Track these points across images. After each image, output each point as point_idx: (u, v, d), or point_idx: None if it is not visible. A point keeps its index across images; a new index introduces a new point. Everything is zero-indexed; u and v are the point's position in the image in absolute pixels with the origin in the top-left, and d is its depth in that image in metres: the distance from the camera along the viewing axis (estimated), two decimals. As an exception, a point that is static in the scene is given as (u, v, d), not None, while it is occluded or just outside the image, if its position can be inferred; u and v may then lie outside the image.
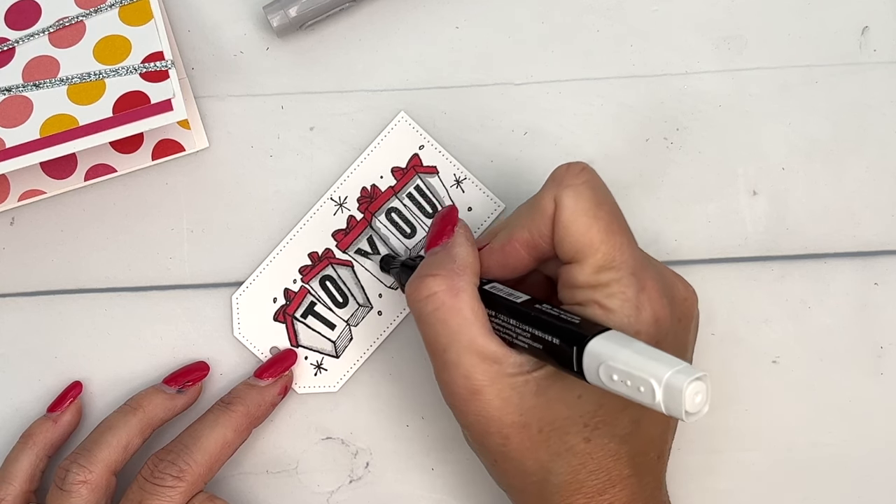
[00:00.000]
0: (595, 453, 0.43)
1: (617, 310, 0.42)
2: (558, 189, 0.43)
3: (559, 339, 0.41)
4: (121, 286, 0.54)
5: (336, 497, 0.53)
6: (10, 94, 0.50)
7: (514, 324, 0.43)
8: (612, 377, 0.38)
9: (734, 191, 0.54)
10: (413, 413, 0.53)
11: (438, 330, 0.44)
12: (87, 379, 0.53)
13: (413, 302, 0.45)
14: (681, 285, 0.46)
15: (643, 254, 0.45)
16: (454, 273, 0.44)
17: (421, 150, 0.54)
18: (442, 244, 0.47)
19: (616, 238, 0.43)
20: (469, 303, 0.44)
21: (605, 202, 0.44)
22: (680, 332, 0.45)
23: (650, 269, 0.44)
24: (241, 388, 0.51)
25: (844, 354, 0.53)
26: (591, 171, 0.44)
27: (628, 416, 0.43)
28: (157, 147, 0.54)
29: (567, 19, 0.55)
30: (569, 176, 0.44)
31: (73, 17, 0.51)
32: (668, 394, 0.37)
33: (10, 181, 0.53)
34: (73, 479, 0.48)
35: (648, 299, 0.43)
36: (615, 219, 0.44)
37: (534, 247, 0.45)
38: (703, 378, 0.37)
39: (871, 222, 0.54)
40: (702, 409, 0.37)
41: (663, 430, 0.46)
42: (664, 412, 0.37)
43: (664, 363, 0.37)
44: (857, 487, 0.53)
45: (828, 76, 0.55)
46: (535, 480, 0.44)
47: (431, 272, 0.45)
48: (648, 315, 0.43)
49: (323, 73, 0.55)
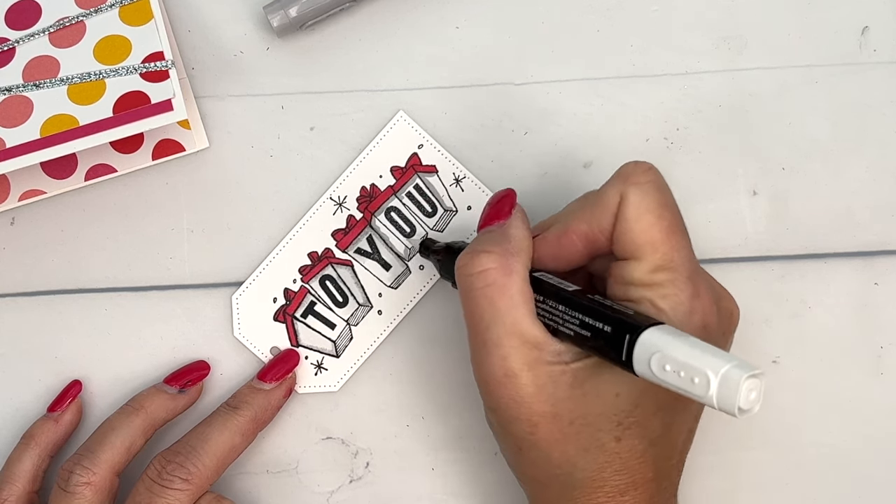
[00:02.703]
0: (623, 453, 0.43)
1: (669, 311, 0.42)
2: (625, 185, 0.43)
3: (611, 326, 0.41)
4: (121, 286, 0.54)
5: (336, 497, 0.53)
6: (11, 94, 0.50)
7: (562, 310, 0.43)
8: (664, 367, 0.38)
9: (734, 191, 0.54)
10: (413, 413, 0.53)
11: (484, 307, 0.43)
12: (87, 379, 0.53)
13: (463, 276, 0.44)
14: (728, 299, 0.46)
15: (697, 261, 0.45)
16: (509, 253, 0.44)
17: (420, 150, 0.54)
18: (497, 224, 0.46)
19: (677, 240, 0.43)
20: (519, 285, 0.43)
21: (669, 204, 0.44)
22: (722, 344, 0.45)
23: (704, 278, 0.44)
24: (247, 391, 0.51)
25: (844, 354, 0.53)
26: (658, 172, 0.44)
27: (660, 420, 0.43)
28: (158, 147, 0.54)
29: (567, 19, 0.55)
30: (637, 173, 0.44)
31: (73, 17, 0.51)
32: (723, 387, 0.36)
33: (11, 181, 0.53)
34: (76, 481, 0.48)
35: (701, 306, 0.43)
36: (677, 221, 0.44)
37: (591, 240, 0.45)
38: (760, 375, 0.37)
39: (871, 222, 0.54)
40: (755, 406, 0.37)
41: (687, 437, 0.46)
42: (715, 406, 0.37)
43: (721, 357, 0.37)
44: (857, 487, 0.53)
45: (828, 76, 0.55)
46: (559, 473, 0.44)
47: (486, 248, 0.44)
48: (699, 321, 0.43)
49: (323, 73, 0.55)
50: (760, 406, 0.37)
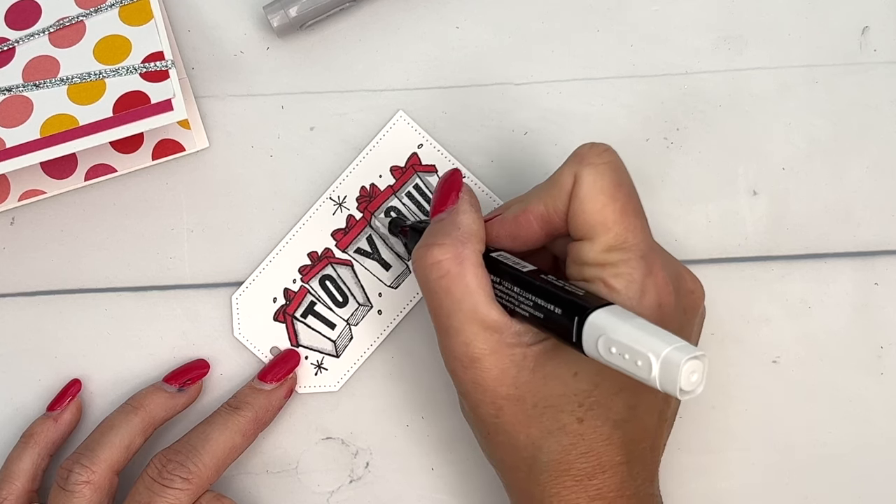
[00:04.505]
0: (587, 435, 0.43)
1: (622, 290, 0.43)
2: (579, 166, 0.44)
3: (561, 308, 0.41)
4: (121, 286, 0.54)
5: (336, 497, 0.53)
6: (10, 94, 0.50)
7: (517, 291, 0.44)
8: (610, 350, 0.38)
9: (734, 191, 0.54)
10: (413, 413, 0.53)
11: (442, 297, 0.44)
12: (86, 378, 0.53)
13: (418, 269, 0.45)
14: (689, 277, 0.47)
15: (655, 242, 0.45)
16: (459, 241, 0.45)
17: (420, 149, 0.54)
18: (447, 210, 0.47)
19: (630, 220, 0.43)
20: (473, 271, 0.44)
21: (624, 184, 0.44)
22: (685, 323, 0.46)
23: (660, 256, 0.45)
24: (248, 391, 0.51)
25: (844, 354, 0.53)
26: (614, 153, 0.45)
27: (623, 401, 0.44)
28: (158, 147, 0.54)
29: (567, 19, 0.55)
30: (592, 154, 0.44)
31: (73, 17, 0.51)
32: (664, 369, 0.37)
33: (10, 181, 0.53)
34: (76, 480, 0.48)
35: (654, 284, 0.43)
36: (632, 201, 0.44)
37: (547, 221, 0.45)
38: (701, 357, 0.37)
39: (871, 222, 0.54)
40: (697, 388, 0.37)
41: (658, 421, 0.46)
42: (658, 388, 0.37)
43: (663, 339, 0.37)
44: (857, 487, 0.53)
45: (828, 76, 0.55)
46: (525, 457, 0.44)
47: (437, 241, 0.45)
48: (652, 299, 0.43)
49: (323, 73, 0.55)
50: (703, 388, 0.37)
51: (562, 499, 0.43)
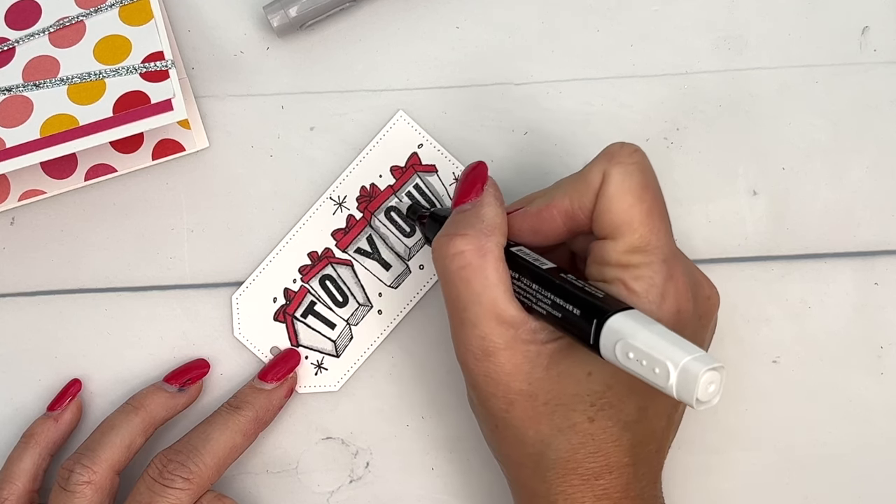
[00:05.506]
0: (597, 435, 0.43)
1: (642, 293, 0.42)
2: (609, 164, 0.44)
3: (580, 310, 0.41)
4: (121, 286, 0.54)
5: (336, 497, 0.53)
6: (10, 94, 0.50)
7: (535, 289, 0.43)
8: (628, 355, 0.38)
9: (734, 191, 0.54)
10: (413, 413, 0.53)
11: (461, 289, 0.44)
12: (86, 378, 0.53)
13: (439, 258, 0.45)
14: (706, 284, 0.47)
15: (676, 247, 0.45)
16: (482, 233, 0.44)
17: (420, 149, 0.54)
18: (471, 201, 0.46)
19: (655, 223, 0.43)
20: (494, 265, 0.44)
21: (652, 187, 0.44)
22: (699, 329, 0.46)
23: (681, 262, 0.44)
24: (248, 391, 0.51)
25: (844, 354, 0.53)
26: (644, 155, 0.44)
27: (635, 403, 0.44)
28: (158, 147, 0.54)
29: (567, 19, 0.55)
30: (622, 154, 0.44)
31: (73, 17, 0.51)
32: (682, 378, 0.37)
33: (10, 181, 0.53)
34: (76, 480, 0.48)
35: (675, 289, 0.43)
36: (658, 204, 0.44)
37: (571, 217, 0.45)
38: (720, 369, 0.37)
39: (871, 222, 0.54)
40: (713, 398, 0.37)
41: (667, 425, 0.46)
42: (675, 396, 0.37)
43: (683, 348, 0.37)
44: (857, 487, 0.53)
45: (828, 76, 0.55)
46: (533, 453, 0.44)
47: (460, 231, 0.45)
48: (671, 305, 0.43)
49: (323, 73, 0.55)
50: (720, 399, 0.37)
51: (567, 497, 0.43)
